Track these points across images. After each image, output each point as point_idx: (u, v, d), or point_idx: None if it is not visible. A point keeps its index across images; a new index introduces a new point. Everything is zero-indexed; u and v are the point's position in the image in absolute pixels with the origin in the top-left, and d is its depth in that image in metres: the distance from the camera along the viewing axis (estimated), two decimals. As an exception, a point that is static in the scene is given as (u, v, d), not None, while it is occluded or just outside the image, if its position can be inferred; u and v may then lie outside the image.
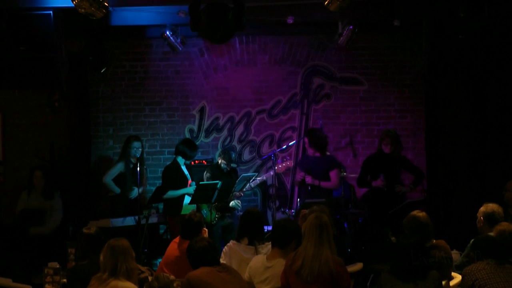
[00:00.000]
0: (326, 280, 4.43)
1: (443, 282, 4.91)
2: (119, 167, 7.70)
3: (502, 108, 7.83)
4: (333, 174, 7.49)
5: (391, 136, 7.68)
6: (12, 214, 7.97)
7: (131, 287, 4.40)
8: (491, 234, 5.04)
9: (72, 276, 4.86)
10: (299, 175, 7.60)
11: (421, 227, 5.09)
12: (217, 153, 8.57)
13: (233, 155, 7.79)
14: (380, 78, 8.92)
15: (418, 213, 5.17)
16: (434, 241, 5.13)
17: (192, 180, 7.73)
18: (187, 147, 7.71)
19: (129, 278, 4.42)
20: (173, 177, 7.66)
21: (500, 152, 7.79)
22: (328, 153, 7.69)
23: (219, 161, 7.77)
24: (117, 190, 7.71)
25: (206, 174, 7.70)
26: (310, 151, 7.57)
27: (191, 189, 7.53)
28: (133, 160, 7.71)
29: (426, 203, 7.73)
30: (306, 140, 7.64)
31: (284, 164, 8.06)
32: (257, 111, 8.94)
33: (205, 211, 7.53)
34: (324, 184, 7.43)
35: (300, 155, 8.79)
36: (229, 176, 7.70)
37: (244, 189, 7.80)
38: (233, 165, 7.76)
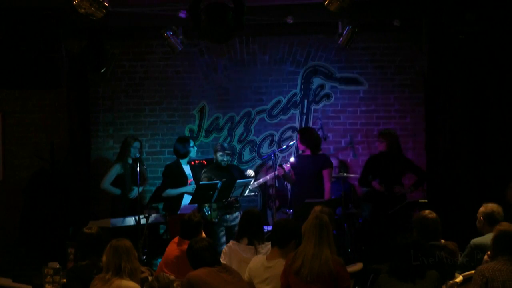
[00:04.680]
0: (326, 280, 4.43)
1: (450, 282, 4.91)
2: (116, 170, 7.68)
3: (503, 108, 7.82)
4: (325, 173, 7.50)
5: (383, 134, 7.72)
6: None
7: (135, 287, 4.41)
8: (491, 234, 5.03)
9: (72, 276, 4.86)
10: (286, 166, 7.63)
11: (427, 228, 5.08)
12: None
13: (226, 145, 7.79)
14: (380, 78, 8.91)
15: (428, 214, 5.15)
16: (443, 241, 5.12)
17: (193, 179, 7.73)
18: (179, 144, 7.78)
19: (132, 277, 4.43)
20: (173, 176, 7.67)
21: (501, 152, 7.78)
22: (321, 152, 7.69)
23: (215, 157, 7.75)
24: (117, 191, 7.70)
25: (203, 174, 7.68)
26: (301, 148, 7.62)
27: (189, 188, 7.55)
28: (130, 161, 7.70)
29: (426, 203, 7.72)
30: (298, 136, 7.70)
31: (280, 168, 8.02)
32: (257, 111, 8.94)
33: (206, 209, 7.53)
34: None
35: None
36: (230, 172, 7.70)
37: (245, 194, 7.76)
38: (228, 151, 7.70)
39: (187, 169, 7.82)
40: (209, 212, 7.46)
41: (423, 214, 5.17)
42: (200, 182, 7.38)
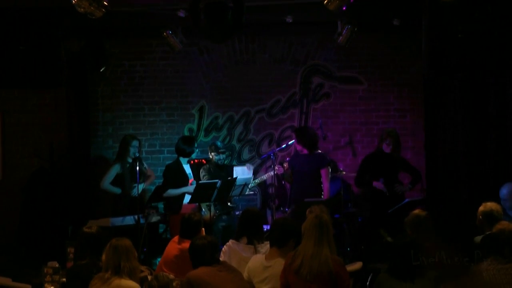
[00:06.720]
0: (325, 279, 4.43)
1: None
2: (115, 169, 7.66)
3: (502, 107, 7.83)
4: (323, 172, 7.49)
5: (393, 136, 7.68)
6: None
7: (134, 286, 4.42)
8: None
9: (71, 276, 4.86)
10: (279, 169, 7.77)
11: (422, 226, 5.09)
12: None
13: (219, 144, 7.81)
14: (380, 78, 8.91)
15: (420, 212, 5.17)
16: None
17: (193, 179, 7.73)
18: (184, 144, 7.76)
19: (131, 277, 4.43)
20: (174, 176, 7.67)
21: (500, 152, 7.79)
22: (319, 151, 7.68)
23: (211, 157, 7.78)
24: (117, 190, 7.70)
25: (202, 173, 7.69)
26: (298, 148, 7.64)
27: (191, 188, 7.55)
28: (129, 160, 7.69)
29: (425, 202, 7.73)
30: (294, 136, 7.75)
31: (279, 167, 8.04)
32: (257, 110, 8.94)
33: (204, 210, 7.53)
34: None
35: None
36: (226, 171, 7.70)
37: (245, 193, 7.76)
38: (221, 149, 7.73)
39: (187, 168, 7.83)
40: (206, 212, 7.47)
41: (414, 213, 5.20)
42: (200, 181, 7.38)
